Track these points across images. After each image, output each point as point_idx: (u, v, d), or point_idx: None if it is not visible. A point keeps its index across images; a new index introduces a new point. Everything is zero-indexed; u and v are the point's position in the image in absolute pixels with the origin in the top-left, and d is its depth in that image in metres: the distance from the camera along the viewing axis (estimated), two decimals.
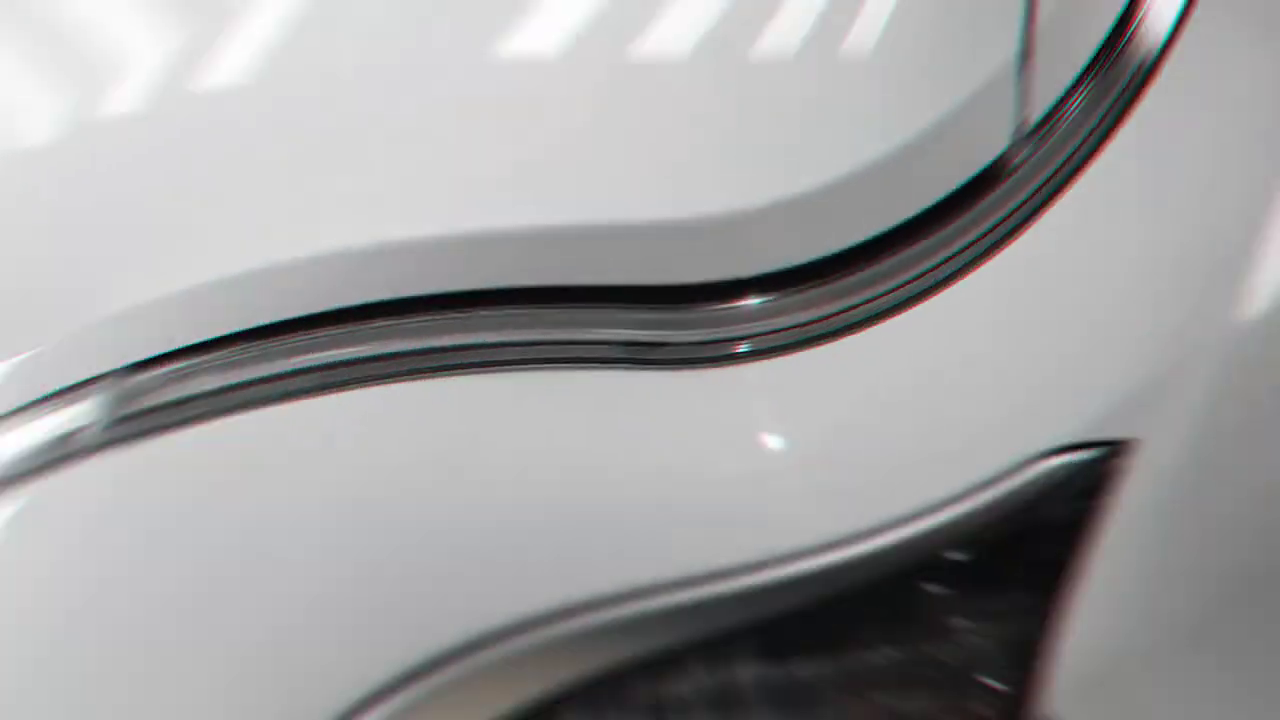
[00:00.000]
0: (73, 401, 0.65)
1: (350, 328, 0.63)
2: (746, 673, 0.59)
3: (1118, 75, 0.63)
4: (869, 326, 0.60)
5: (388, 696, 0.57)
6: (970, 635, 0.59)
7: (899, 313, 0.59)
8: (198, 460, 0.61)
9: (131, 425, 0.64)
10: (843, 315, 0.60)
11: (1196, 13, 0.66)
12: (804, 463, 0.59)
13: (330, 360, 0.64)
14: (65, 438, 0.64)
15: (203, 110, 0.72)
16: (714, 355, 0.60)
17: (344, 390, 0.63)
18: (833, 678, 0.59)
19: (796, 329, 0.60)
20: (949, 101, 0.60)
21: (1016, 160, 0.61)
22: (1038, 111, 0.61)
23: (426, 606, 0.58)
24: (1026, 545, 0.58)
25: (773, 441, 0.59)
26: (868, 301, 0.60)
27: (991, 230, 0.60)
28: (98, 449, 0.62)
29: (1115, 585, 0.59)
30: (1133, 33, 0.64)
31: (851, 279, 0.60)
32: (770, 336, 0.60)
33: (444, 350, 0.63)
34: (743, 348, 0.60)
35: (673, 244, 0.61)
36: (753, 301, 0.61)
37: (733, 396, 0.60)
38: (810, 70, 0.63)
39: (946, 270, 0.60)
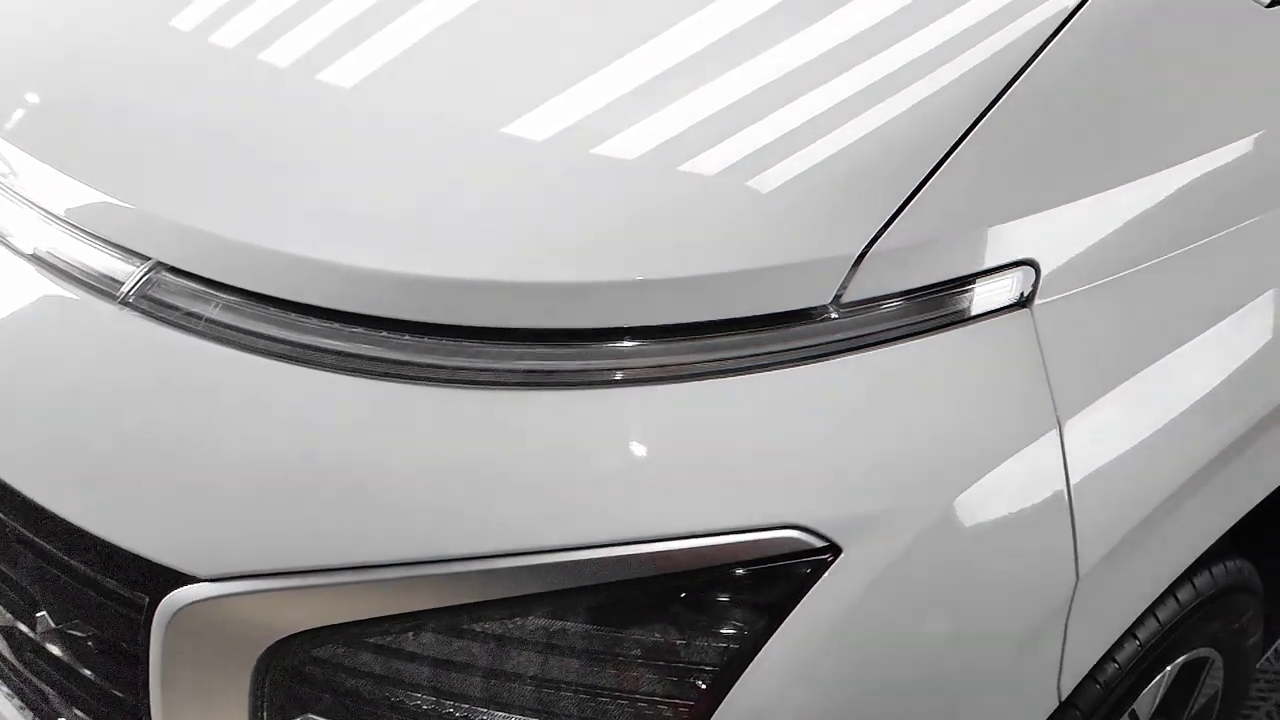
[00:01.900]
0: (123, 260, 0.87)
1: (339, 325, 0.73)
2: (576, 626, 0.74)
3: (925, 311, 0.80)
4: (707, 379, 0.76)
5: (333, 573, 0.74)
6: (686, 645, 0.73)
7: (728, 377, 0.76)
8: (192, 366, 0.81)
9: (146, 304, 0.84)
10: (693, 365, 0.77)
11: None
12: (650, 469, 0.75)
13: (316, 344, 0.74)
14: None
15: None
16: (596, 381, 0.76)
17: (315, 369, 0.79)
18: (606, 640, 0.74)
19: (658, 368, 0.77)
20: (805, 255, 0.78)
21: (826, 315, 0.78)
22: (855, 296, 0.79)
23: (359, 529, 0.75)
24: (743, 587, 0.73)
25: (635, 449, 0.76)
26: (710, 362, 0.77)
27: (801, 348, 0.78)
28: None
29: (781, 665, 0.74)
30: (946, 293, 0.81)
31: (701, 342, 0.77)
32: (638, 371, 0.76)
33: (385, 361, 0.79)
34: (618, 376, 0.76)
35: (574, 298, 0.78)
36: (628, 344, 0.77)
37: (607, 412, 0.75)
38: (720, 199, 0.82)
39: (765, 360, 0.77)
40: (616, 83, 0.90)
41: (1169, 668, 1.10)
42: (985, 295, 0.82)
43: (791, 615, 0.73)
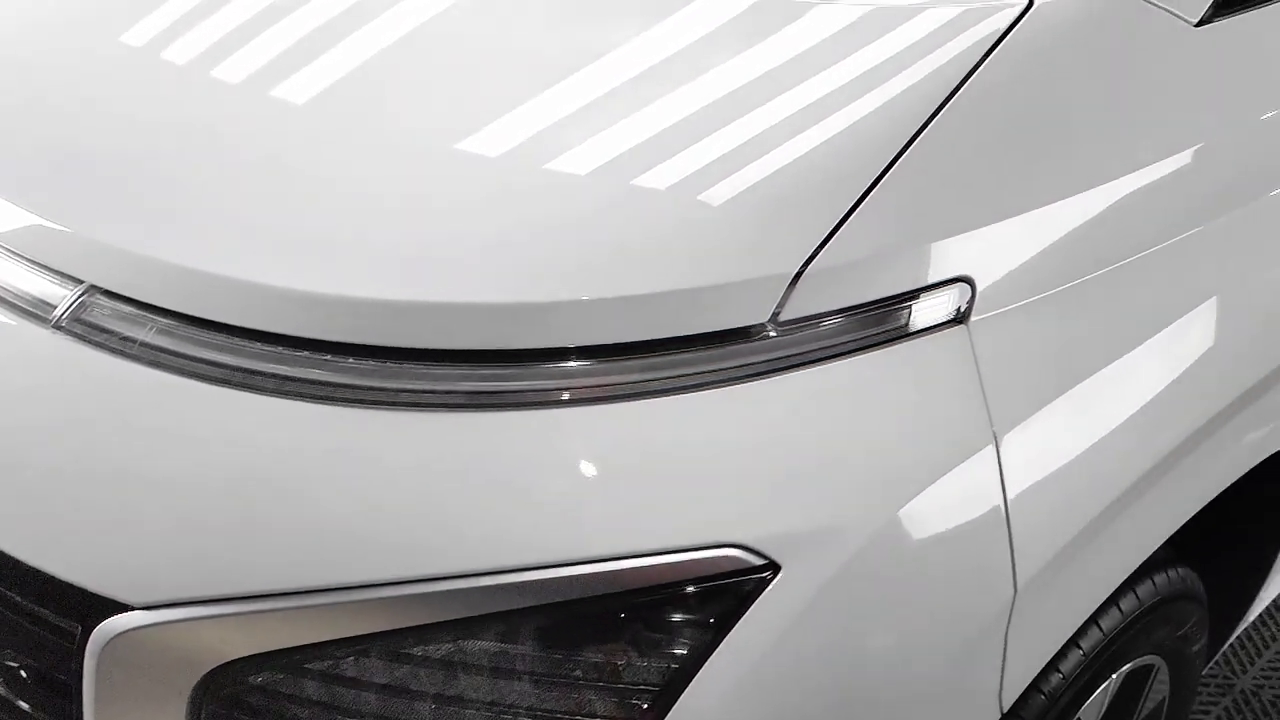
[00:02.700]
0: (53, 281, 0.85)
1: (277, 349, 0.73)
2: (514, 649, 0.73)
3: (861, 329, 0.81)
4: (646, 399, 0.76)
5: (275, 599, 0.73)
6: (627, 665, 0.73)
7: (667, 396, 0.76)
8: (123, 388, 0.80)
9: (79, 329, 0.83)
10: (632, 385, 0.77)
11: None
12: (590, 489, 0.75)
13: (253, 368, 0.74)
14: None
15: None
16: (538, 401, 0.76)
17: (252, 393, 0.78)
18: (545, 662, 0.74)
19: (598, 388, 0.76)
20: (742, 274, 0.78)
21: (764, 333, 0.79)
22: (793, 314, 0.79)
23: (304, 555, 0.74)
24: (683, 606, 0.73)
25: (575, 470, 0.75)
26: (649, 381, 0.77)
27: (740, 367, 0.78)
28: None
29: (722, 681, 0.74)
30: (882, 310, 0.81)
31: (641, 361, 0.77)
32: (579, 391, 0.77)
33: (325, 384, 0.78)
34: (559, 396, 0.76)
35: (514, 319, 0.78)
36: (570, 364, 0.77)
37: (548, 433, 0.75)
38: (659, 219, 0.82)
39: (704, 379, 0.77)
40: (556, 105, 0.90)
41: (1114, 676, 1.12)
42: (922, 312, 0.82)
43: (731, 633, 0.73)
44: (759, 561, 0.73)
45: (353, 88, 0.96)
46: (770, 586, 0.73)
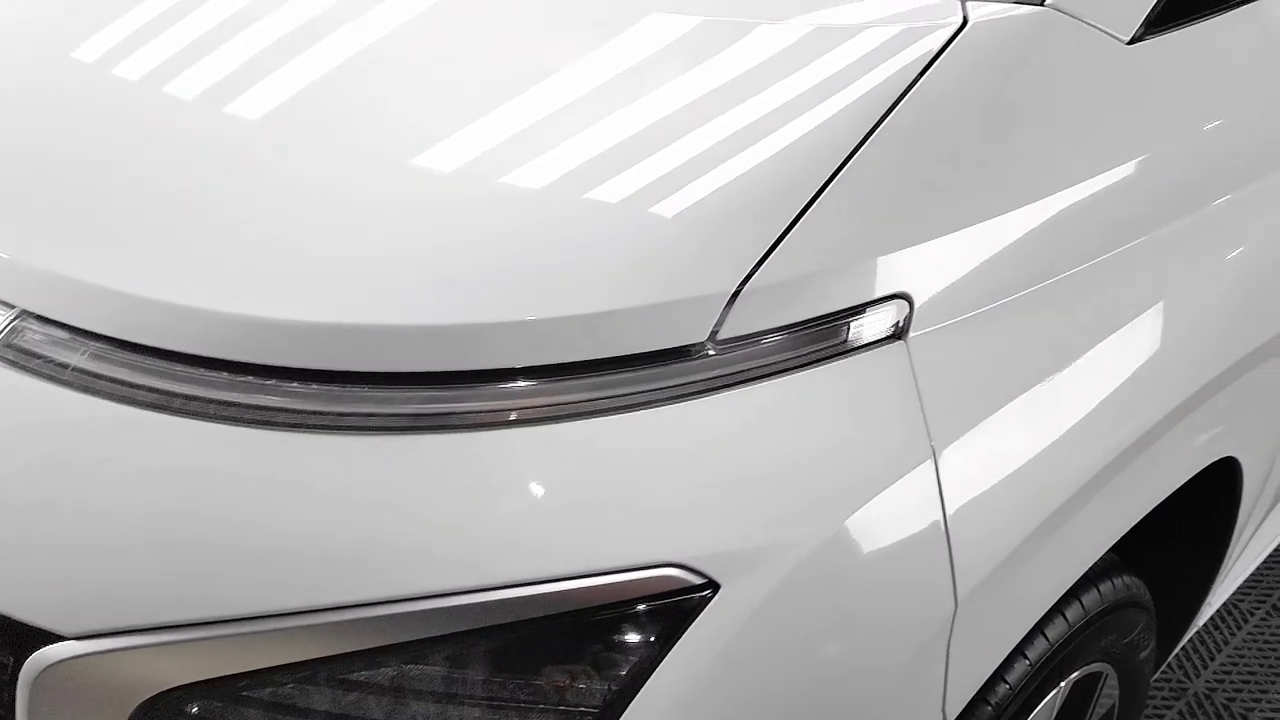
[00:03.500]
0: None
1: (214, 373, 0.72)
2: (451, 672, 0.73)
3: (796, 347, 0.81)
4: (585, 419, 0.76)
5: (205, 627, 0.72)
6: (567, 686, 0.73)
7: (606, 416, 0.76)
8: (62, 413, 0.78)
9: (10, 354, 0.82)
10: (571, 406, 0.77)
11: None
12: (530, 511, 0.75)
13: (190, 393, 0.73)
14: None
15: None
16: (478, 423, 0.76)
17: (188, 418, 0.77)
18: (484, 685, 0.74)
19: (537, 409, 0.76)
20: (680, 293, 0.78)
21: (703, 352, 0.79)
22: (732, 332, 0.79)
23: (233, 582, 0.73)
24: (623, 627, 0.73)
25: (515, 492, 0.75)
26: (587, 401, 0.77)
27: (679, 386, 0.78)
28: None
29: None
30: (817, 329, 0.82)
31: (579, 382, 0.77)
32: (518, 412, 0.76)
33: (264, 408, 0.77)
34: (500, 418, 0.76)
35: (454, 340, 0.77)
36: (509, 385, 0.77)
37: (489, 455, 0.75)
38: (598, 239, 0.82)
39: (643, 399, 0.77)
40: (499, 126, 0.90)
41: (1063, 684, 1.13)
42: (860, 329, 0.83)
43: (671, 653, 0.73)
44: (698, 580, 0.73)
45: (291, 109, 0.95)
46: (709, 605, 0.73)
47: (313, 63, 1.00)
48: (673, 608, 0.73)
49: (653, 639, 0.73)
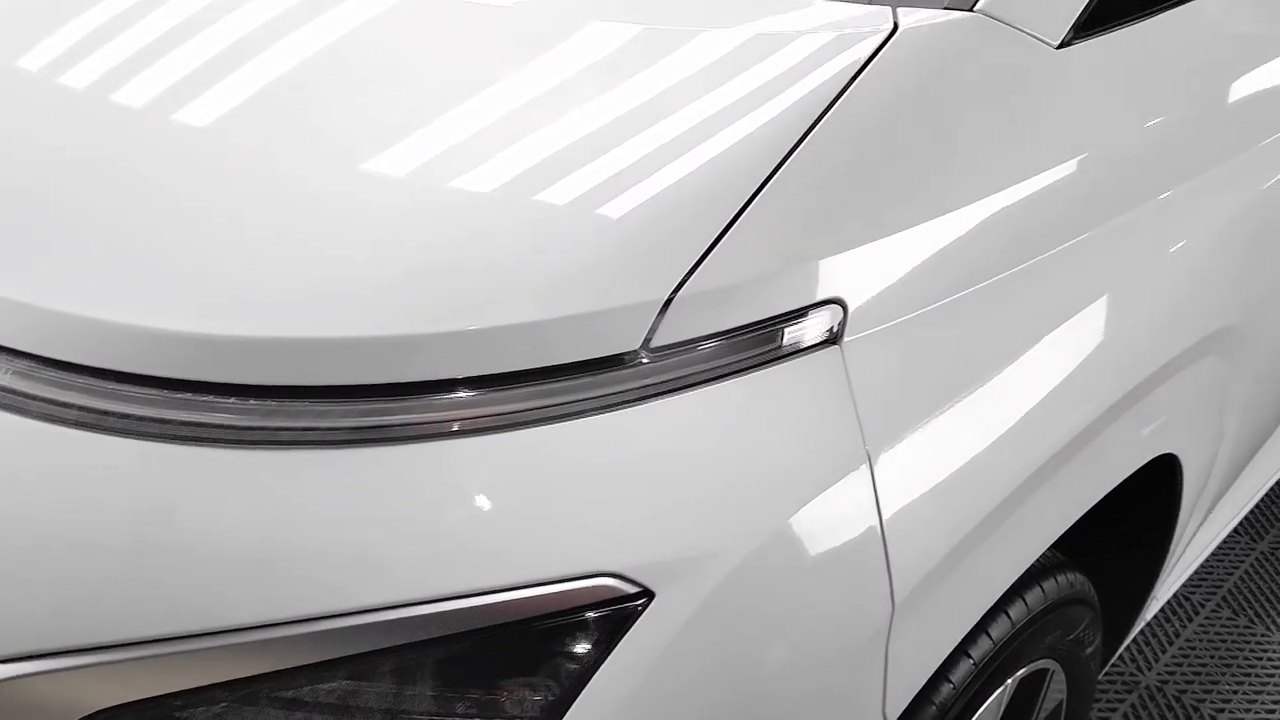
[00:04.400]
0: None
1: (144, 390, 0.72)
2: (384, 688, 0.73)
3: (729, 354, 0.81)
4: (519, 430, 0.76)
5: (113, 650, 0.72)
6: (505, 698, 0.73)
7: (539, 426, 0.77)
8: None
9: None
10: (505, 417, 0.77)
11: None
12: (463, 523, 0.74)
13: (118, 410, 0.73)
14: None
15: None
16: (418, 435, 0.75)
17: (115, 435, 0.77)
18: (420, 700, 0.74)
19: (470, 420, 0.76)
20: (612, 301, 0.78)
21: (637, 360, 0.79)
22: (665, 339, 0.79)
23: (139, 602, 0.73)
24: (558, 637, 0.73)
25: (448, 504, 0.74)
26: (522, 412, 0.76)
27: (613, 394, 0.78)
28: None
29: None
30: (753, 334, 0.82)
31: (513, 392, 0.77)
32: (449, 424, 0.76)
33: (193, 424, 0.76)
34: (440, 429, 0.75)
35: (387, 352, 0.77)
36: (447, 396, 0.76)
37: (419, 468, 0.75)
38: (531, 248, 0.81)
39: (577, 408, 0.77)
40: (434, 138, 0.90)
41: (1009, 680, 1.14)
42: (794, 334, 0.84)
43: (607, 662, 0.73)
44: (633, 589, 0.73)
45: (224, 123, 0.95)
46: (644, 614, 0.73)
47: (247, 77, 0.99)
48: (608, 617, 0.73)
49: (589, 648, 0.73)
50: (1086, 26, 1.02)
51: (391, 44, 1.03)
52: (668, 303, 0.80)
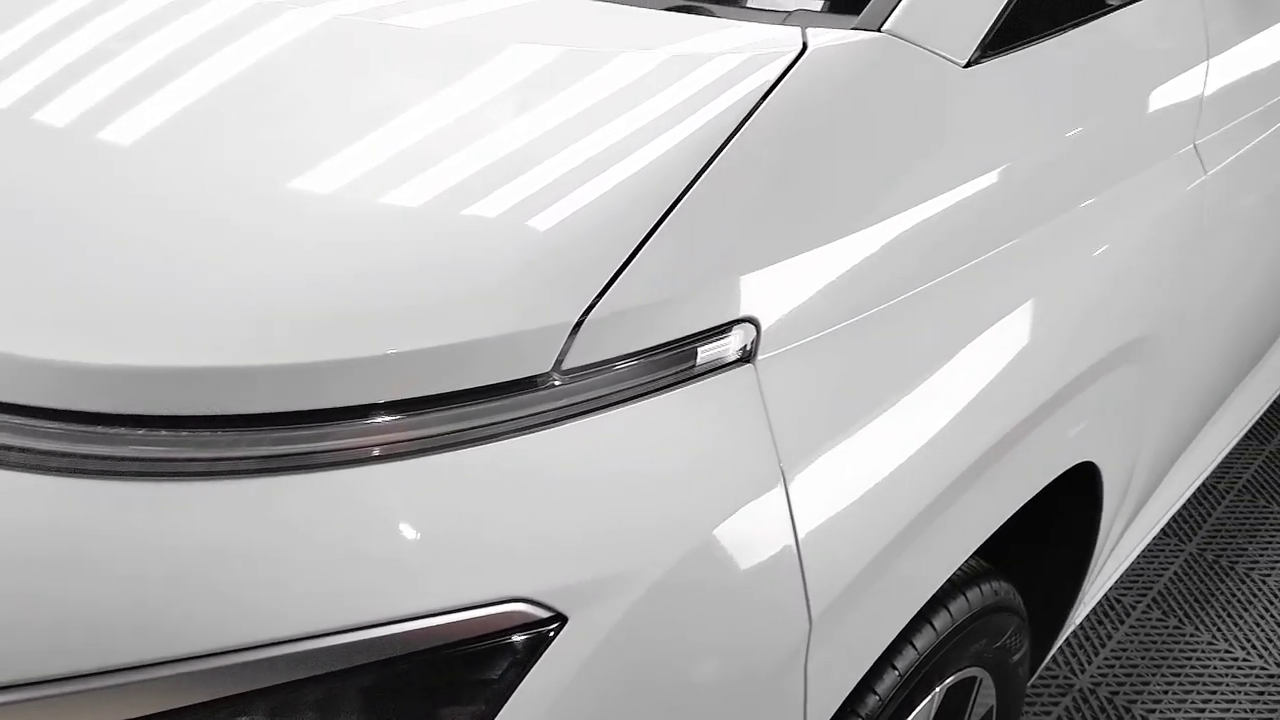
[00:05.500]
0: None
1: (50, 424, 0.70)
2: (322, 717, 0.72)
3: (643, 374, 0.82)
4: (428, 455, 0.76)
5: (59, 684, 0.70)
6: None
7: (450, 451, 0.76)
8: None
9: None
10: (415, 442, 0.76)
11: None
12: (372, 550, 0.74)
13: (13, 444, 0.71)
14: None
15: None
16: (324, 463, 0.74)
17: (29, 472, 0.76)
18: None
19: (377, 446, 0.75)
20: (522, 324, 0.78)
21: (549, 382, 0.79)
22: (577, 361, 0.79)
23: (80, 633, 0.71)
24: (469, 664, 0.73)
25: (355, 531, 0.74)
26: (431, 437, 0.76)
27: (525, 417, 0.78)
28: None
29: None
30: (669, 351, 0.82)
31: (426, 417, 0.77)
32: (364, 450, 0.75)
33: (97, 459, 0.75)
34: (345, 457, 0.75)
35: (292, 379, 0.76)
36: (355, 423, 0.76)
37: (324, 496, 0.74)
38: (442, 272, 0.81)
39: (488, 432, 0.77)
40: (346, 160, 0.89)
41: (936, 690, 1.15)
42: (707, 354, 0.84)
43: (520, 688, 0.73)
44: (544, 614, 0.73)
45: (130, 148, 0.93)
46: (557, 638, 0.73)
47: (155, 103, 0.98)
48: (521, 643, 0.73)
49: (502, 674, 0.73)
50: (994, 46, 1.04)
51: (306, 68, 1.02)
52: (578, 325, 0.80)
